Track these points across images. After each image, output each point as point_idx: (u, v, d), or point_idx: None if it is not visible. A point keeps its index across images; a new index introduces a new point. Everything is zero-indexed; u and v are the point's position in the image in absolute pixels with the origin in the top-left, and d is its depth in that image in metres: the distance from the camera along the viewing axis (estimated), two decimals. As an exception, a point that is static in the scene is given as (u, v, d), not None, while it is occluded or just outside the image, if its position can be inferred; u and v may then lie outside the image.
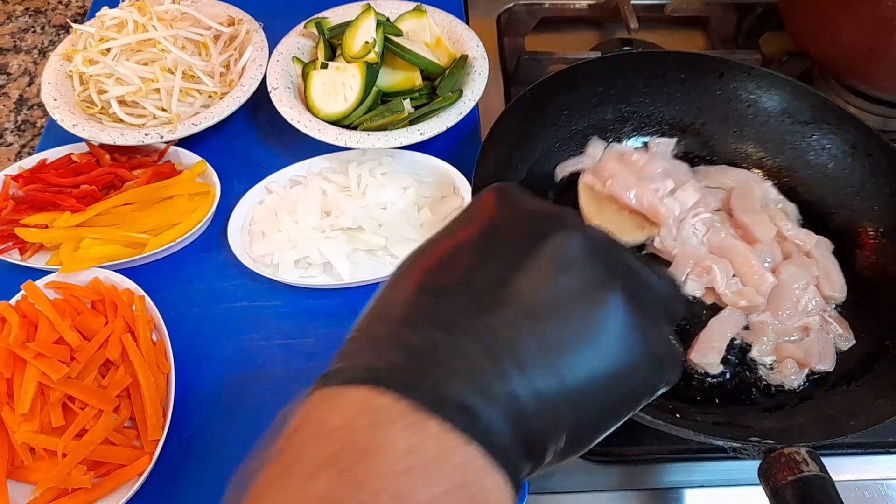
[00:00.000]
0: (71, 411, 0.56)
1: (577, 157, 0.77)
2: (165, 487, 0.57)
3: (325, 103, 0.76)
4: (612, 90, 0.78)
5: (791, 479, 0.47)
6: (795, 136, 0.75)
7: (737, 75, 0.76)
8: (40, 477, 0.54)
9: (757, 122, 0.77)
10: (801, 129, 0.75)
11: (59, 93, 0.77)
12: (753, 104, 0.76)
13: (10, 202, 0.70)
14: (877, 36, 0.76)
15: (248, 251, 0.70)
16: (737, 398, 0.61)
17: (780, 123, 0.76)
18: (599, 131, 0.79)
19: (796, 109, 0.74)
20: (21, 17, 1.04)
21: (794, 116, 0.75)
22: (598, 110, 0.78)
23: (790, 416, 0.59)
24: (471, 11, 1.00)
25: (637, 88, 0.78)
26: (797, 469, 0.47)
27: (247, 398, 0.62)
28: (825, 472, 0.47)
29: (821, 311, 0.64)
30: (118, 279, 0.65)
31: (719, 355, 0.61)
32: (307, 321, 0.67)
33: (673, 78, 0.77)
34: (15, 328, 0.58)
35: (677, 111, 0.79)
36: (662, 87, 0.78)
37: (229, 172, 0.77)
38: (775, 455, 0.48)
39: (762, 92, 0.76)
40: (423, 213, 0.72)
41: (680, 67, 0.77)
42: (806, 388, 0.61)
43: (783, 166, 0.76)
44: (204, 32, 0.81)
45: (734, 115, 0.77)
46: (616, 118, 0.79)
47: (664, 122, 0.80)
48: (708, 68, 0.77)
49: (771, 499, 0.48)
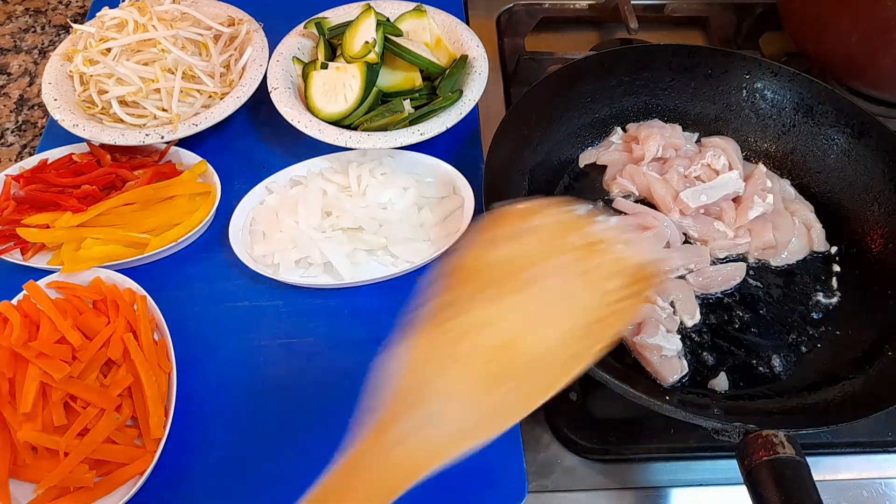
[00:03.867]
0: (73, 410, 0.56)
1: (599, 145, 0.79)
2: (167, 486, 0.57)
3: (325, 103, 0.77)
4: (638, 81, 0.79)
5: (766, 460, 0.47)
6: (818, 139, 0.75)
7: (763, 75, 0.77)
8: (42, 476, 0.54)
9: (780, 122, 0.77)
10: (824, 131, 0.75)
11: (60, 93, 0.77)
12: (777, 104, 0.77)
13: (11, 202, 0.70)
14: (876, 36, 0.76)
15: (248, 251, 0.70)
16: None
17: (802, 124, 0.76)
18: (622, 121, 0.80)
19: (821, 112, 0.74)
20: (21, 18, 1.04)
21: (817, 118, 0.75)
22: (622, 100, 0.79)
23: (779, 404, 0.60)
24: (471, 11, 1.00)
25: (664, 81, 0.79)
26: (773, 450, 0.47)
27: (248, 397, 0.62)
28: (801, 456, 0.48)
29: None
30: (120, 279, 0.65)
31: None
32: (308, 321, 0.67)
33: (700, 73, 0.78)
34: (17, 328, 0.58)
35: (701, 106, 0.80)
36: (689, 82, 0.79)
37: (230, 173, 0.77)
38: (753, 436, 0.49)
39: (786, 92, 0.76)
40: (423, 213, 0.72)
41: (708, 63, 0.78)
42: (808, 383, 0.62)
43: (803, 166, 0.76)
44: (204, 32, 0.82)
45: (757, 113, 0.78)
46: (639, 109, 0.80)
47: (687, 116, 0.80)
48: (736, 66, 0.77)
49: (745, 478, 0.48)
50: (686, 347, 0.63)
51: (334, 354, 0.65)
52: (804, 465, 0.47)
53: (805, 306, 0.67)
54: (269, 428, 0.60)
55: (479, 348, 0.39)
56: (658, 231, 0.69)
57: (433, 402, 0.38)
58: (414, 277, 0.70)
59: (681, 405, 0.53)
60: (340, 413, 0.61)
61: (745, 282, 0.69)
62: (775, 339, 0.65)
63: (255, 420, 0.60)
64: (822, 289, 0.69)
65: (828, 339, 0.65)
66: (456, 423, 0.38)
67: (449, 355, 0.39)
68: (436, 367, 0.39)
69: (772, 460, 0.47)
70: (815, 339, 0.65)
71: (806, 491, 0.46)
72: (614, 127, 0.80)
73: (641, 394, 0.52)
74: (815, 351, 0.64)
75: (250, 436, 0.60)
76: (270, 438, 0.59)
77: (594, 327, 0.40)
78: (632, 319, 0.60)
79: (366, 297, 0.69)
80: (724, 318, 0.66)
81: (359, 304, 0.68)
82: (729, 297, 0.68)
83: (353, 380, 0.63)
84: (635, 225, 0.69)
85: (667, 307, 0.65)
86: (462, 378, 0.39)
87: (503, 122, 0.68)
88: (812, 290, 0.68)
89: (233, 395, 0.62)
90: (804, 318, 0.66)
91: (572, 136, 0.78)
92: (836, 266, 0.70)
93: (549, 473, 0.59)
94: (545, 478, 0.59)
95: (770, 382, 0.62)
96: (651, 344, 0.61)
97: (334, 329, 0.66)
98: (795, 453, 0.47)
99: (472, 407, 0.38)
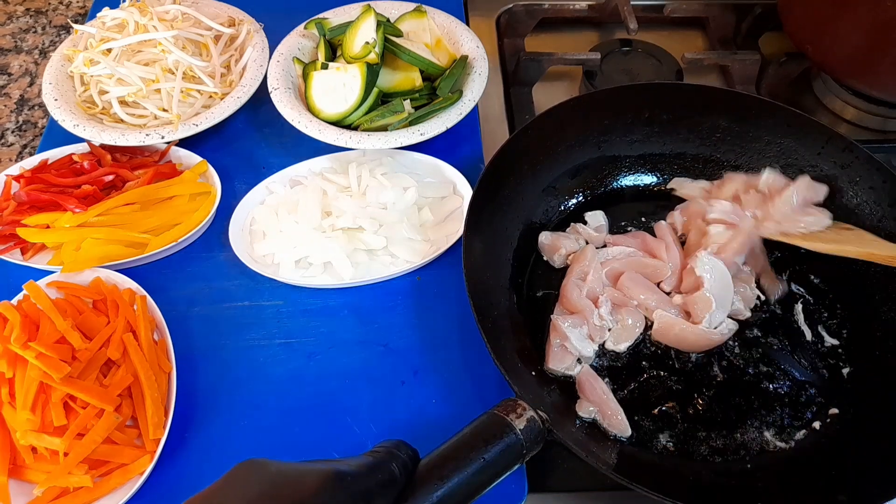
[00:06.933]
0: (72, 411, 0.56)
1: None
2: (166, 486, 0.57)
3: (325, 104, 0.77)
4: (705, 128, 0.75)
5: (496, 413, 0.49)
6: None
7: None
8: (42, 476, 0.54)
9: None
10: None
11: (61, 93, 0.77)
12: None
13: (11, 202, 0.70)
14: (876, 37, 0.76)
15: (248, 251, 0.70)
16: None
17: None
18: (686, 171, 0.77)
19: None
20: (22, 18, 1.04)
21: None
22: (694, 143, 0.76)
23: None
24: (471, 12, 1.00)
25: (720, 128, 0.75)
26: (512, 412, 0.49)
27: (248, 397, 0.62)
28: (532, 439, 0.49)
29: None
30: (119, 279, 0.65)
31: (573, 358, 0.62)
32: (308, 321, 0.67)
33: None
34: (17, 328, 0.58)
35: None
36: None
37: (230, 172, 0.77)
38: (512, 401, 0.51)
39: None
40: (423, 213, 0.72)
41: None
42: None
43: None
44: (205, 33, 0.82)
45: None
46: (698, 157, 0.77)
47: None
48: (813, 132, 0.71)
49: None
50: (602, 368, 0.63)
51: (334, 354, 0.65)
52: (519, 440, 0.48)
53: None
54: (269, 428, 0.60)
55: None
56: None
57: None
58: (414, 277, 0.70)
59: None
60: (340, 413, 0.61)
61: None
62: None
63: (255, 420, 0.60)
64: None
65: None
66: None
67: None
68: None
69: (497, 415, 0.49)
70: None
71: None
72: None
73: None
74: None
75: (250, 436, 0.60)
76: (270, 438, 0.59)
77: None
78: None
79: (366, 297, 0.69)
80: (651, 367, 0.63)
81: (359, 304, 0.68)
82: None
83: (353, 380, 0.63)
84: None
85: (607, 320, 0.64)
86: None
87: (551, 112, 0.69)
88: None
89: (233, 395, 0.62)
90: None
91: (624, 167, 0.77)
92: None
93: (550, 473, 0.59)
94: (546, 478, 0.59)
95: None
96: (564, 331, 0.62)
97: (334, 329, 0.66)
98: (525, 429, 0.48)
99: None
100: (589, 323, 0.63)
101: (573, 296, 0.65)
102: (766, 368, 0.63)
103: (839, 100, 0.89)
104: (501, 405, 0.50)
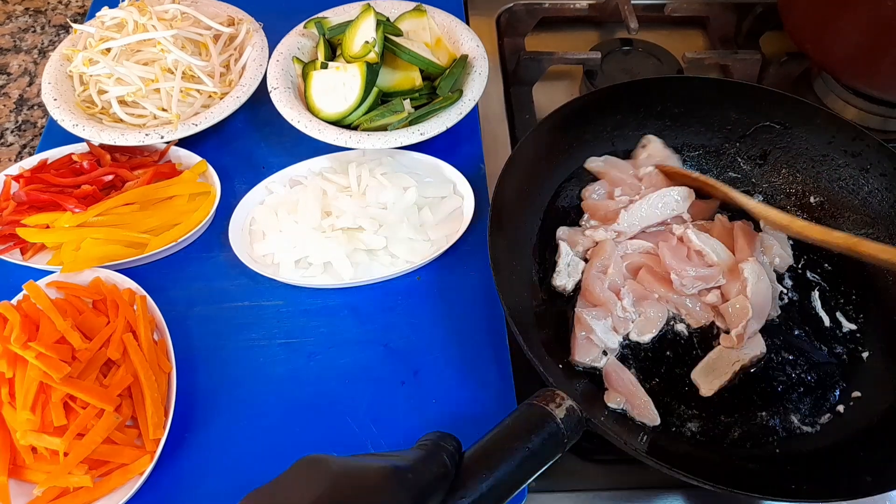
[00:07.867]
0: (72, 411, 0.56)
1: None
2: (166, 486, 0.57)
3: (325, 103, 0.77)
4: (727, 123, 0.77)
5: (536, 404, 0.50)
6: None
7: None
8: (42, 476, 0.54)
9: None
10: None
11: (60, 93, 0.77)
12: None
13: (11, 202, 0.70)
14: (876, 36, 0.76)
15: (248, 251, 0.70)
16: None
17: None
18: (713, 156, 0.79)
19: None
20: (21, 17, 1.04)
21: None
22: (706, 135, 0.78)
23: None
24: (471, 11, 1.00)
25: (730, 119, 0.77)
26: (551, 402, 0.50)
27: (248, 397, 0.62)
28: (568, 426, 0.50)
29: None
30: (119, 279, 0.65)
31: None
32: (308, 321, 0.67)
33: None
34: (16, 328, 0.58)
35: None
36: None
37: (230, 172, 0.77)
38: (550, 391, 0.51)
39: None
40: (423, 213, 0.72)
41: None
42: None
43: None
44: (204, 32, 0.82)
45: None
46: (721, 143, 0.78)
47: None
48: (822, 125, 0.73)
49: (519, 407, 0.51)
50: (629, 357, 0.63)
51: (334, 354, 0.65)
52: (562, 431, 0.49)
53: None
54: (269, 428, 0.60)
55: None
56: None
57: None
58: (414, 277, 0.70)
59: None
60: (340, 413, 0.61)
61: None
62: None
63: (255, 420, 0.60)
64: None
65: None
66: None
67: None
68: None
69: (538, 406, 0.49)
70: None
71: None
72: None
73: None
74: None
75: (250, 436, 0.60)
76: (270, 438, 0.59)
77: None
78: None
79: (366, 297, 0.69)
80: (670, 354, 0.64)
81: (359, 304, 0.68)
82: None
83: (353, 380, 0.63)
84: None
85: (630, 311, 0.65)
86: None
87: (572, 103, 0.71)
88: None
89: (233, 395, 0.62)
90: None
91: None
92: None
93: (550, 473, 0.59)
94: (545, 478, 0.59)
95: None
96: (589, 323, 0.62)
97: (334, 329, 0.66)
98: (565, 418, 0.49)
99: None
100: (613, 315, 0.64)
101: (596, 289, 0.65)
102: (788, 356, 0.64)
103: (840, 99, 0.89)
104: (539, 395, 0.51)
